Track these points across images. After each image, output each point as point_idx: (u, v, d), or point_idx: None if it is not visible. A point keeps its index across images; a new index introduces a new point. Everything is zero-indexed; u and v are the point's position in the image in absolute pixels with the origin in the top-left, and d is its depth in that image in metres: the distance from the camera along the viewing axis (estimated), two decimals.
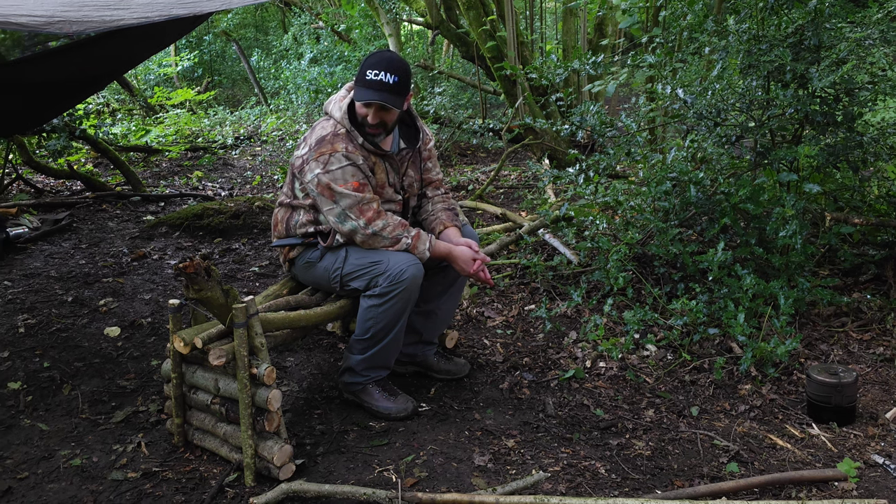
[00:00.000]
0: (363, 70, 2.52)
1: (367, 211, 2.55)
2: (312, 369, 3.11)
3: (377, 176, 2.64)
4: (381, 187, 2.66)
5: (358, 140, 2.58)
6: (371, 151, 2.61)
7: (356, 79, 2.56)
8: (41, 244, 4.89)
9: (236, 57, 14.18)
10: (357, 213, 2.54)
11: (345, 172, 2.53)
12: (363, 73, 2.52)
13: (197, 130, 10.18)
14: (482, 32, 6.71)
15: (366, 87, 2.51)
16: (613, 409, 2.77)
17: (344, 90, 2.69)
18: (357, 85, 2.55)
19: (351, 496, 2.14)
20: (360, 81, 2.53)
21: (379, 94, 2.49)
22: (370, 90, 2.50)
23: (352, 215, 2.54)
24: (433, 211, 2.86)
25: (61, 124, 6.11)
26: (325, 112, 2.69)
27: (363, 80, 2.51)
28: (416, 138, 2.78)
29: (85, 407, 2.81)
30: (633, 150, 3.73)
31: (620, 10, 5.32)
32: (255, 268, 4.39)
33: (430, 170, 2.88)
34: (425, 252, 2.60)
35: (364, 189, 2.55)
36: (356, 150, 2.56)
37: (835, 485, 2.24)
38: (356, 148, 2.57)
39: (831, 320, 3.31)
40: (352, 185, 2.53)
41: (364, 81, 2.51)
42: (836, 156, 3.38)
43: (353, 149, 2.56)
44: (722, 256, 3.13)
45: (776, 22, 3.41)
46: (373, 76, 2.49)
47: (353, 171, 2.54)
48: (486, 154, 8.06)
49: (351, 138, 2.58)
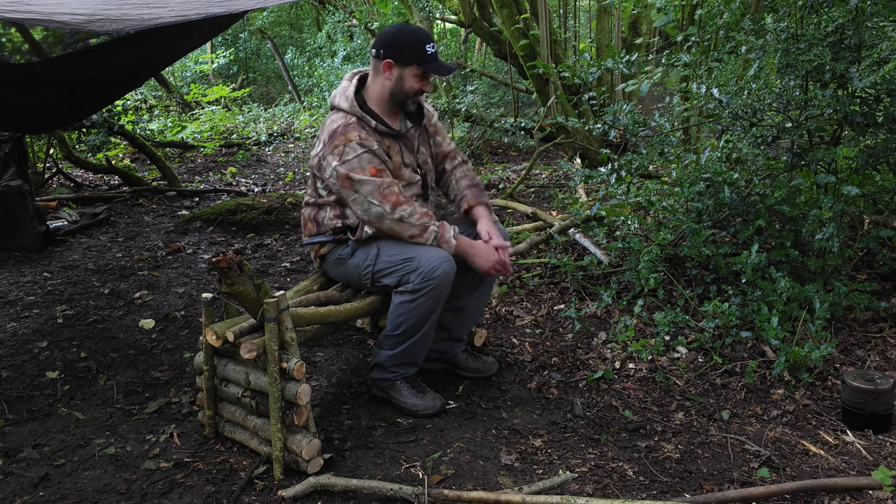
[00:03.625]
0: (419, 47, 2.58)
1: (390, 195, 2.56)
2: (341, 365, 3.14)
3: (393, 158, 2.67)
4: (399, 169, 2.68)
5: (371, 124, 2.61)
6: (385, 133, 2.65)
7: (413, 58, 2.59)
8: (80, 237, 5.00)
9: (271, 54, 14.33)
10: (379, 198, 2.55)
11: (361, 160, 2.55)
12: (421, 49, 2.58)
13: (231, 127, 10.32)
14: (515, 31, 6.68)
15: (433, 61, 2.60)
16: (642, 410, 2.75)
17: (345, 81, 2.72)
18: (419, 63, 2.59)
19: (378, 491, 2.16)
20: (422, 57, 2.59)
21: (446, 64, 2.65)
22: (438, 63, 2.62)
23: (374, 201, 2.55)
24: (458, 188, 2.88)
25: (100, 120, 6.24)
26: (332, 107, 2.72)
27: (425, 55, 2.59)
28: (421, 115, 2.81)
29: (120, 397, 2.87)
30: (667, 150, 3.69)
31: (655, 8, 5.26)
32: (286, 263, 4.44)
33: (441, 143, 2.90)
34: (451, 241, 2.61)
35: (382, 174, 2.57)
36: (369, 136, 2.59)
37: (869, 493, 2.20)
38: (369, 133, 2.60)
39: (868, 325, 3.24)
40: (369, 171, 2.55)
41: (427, 56, 2.59)
42: (876, 157, 3.30)
43: (367, 135, 2.59)
44: (756, 258, 3.08)
45: (815, 20, 3.34)
46: (431, 49, 2.60)
47: (370, 158, 2.56)
48: (517, 153, 8.04)
49: (363, 125, 2.61)
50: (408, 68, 2.60)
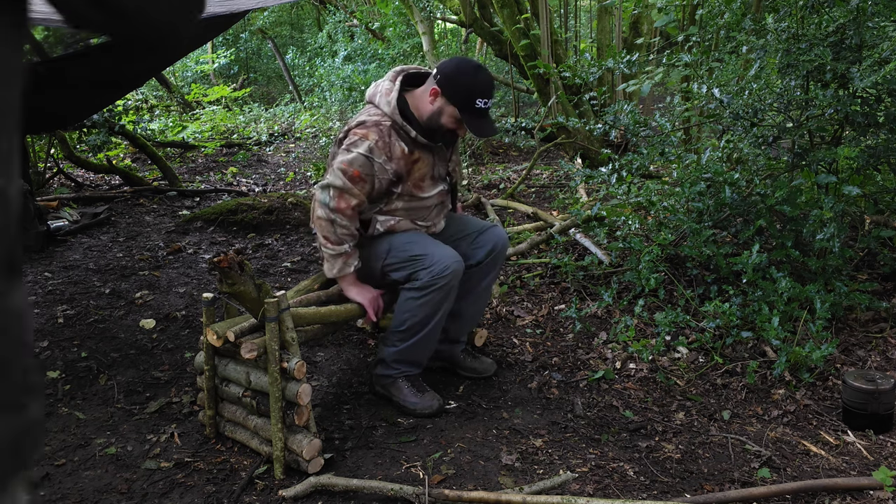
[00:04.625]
0: (471, 98, 2.54)
1: (342, 201, 2.55)
2: (342, 365, 3.14)
3: (419, 170, 2.64)
4: (421, 180, 2.66)
5: (411, 134, 2.59)
6: (421, 145, 2.63)
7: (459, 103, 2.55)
8: (80, 237, 5.01)
9: (272, 54, 14.34)
10: (336, 196, 2.54)
11: (355, 159, 2.54)
12: (472, 102, 2.54)
13: (232, 127, 10.32)
14: (516, 31, 6.68)
15: (479, 117, 2.57)
16: (643, 410, 2.75)
17: (388, 81, 2.66)
18: (464, 111, 2.56)
19: (378, 491, 2.16)
20: (470, 110, 2.55)
21: (491, 125, 2.60)
22: (483, 120, 2.58)
23: (331, 193, 2.55)
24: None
25: (101, 120, 6.25)
26: (369, 101, 2.68)
27: (473, 108, 2.55)
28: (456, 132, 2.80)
29: (120, 397, 2.87)
30: (667, 150, 3.69)
31: (656, 8, 5.26)
32: (287, 263, 4.44)
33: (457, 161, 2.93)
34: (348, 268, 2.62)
35: (358, 182, 2.54)
36: (389, 146, 2.56)
37: (870, 493, 2.20)
38: (395, 141, 2.57)
39: (869, 326, 3.24)
40: (353, 172, 2.54)
41: (473, 109, 2.55)
42: (877, 158, 3.30)
43: (385, 145, 2.55)
44: (757, 259, 3.08)
45: (816, 20, 3.34)
46: (482, 105, 2.55)
47: (363, 162, 2.54)
48: (518, 153, 8.04)
49: (395, 131, 2.58)
50: (451, 107, 2.57)
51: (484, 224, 2.91)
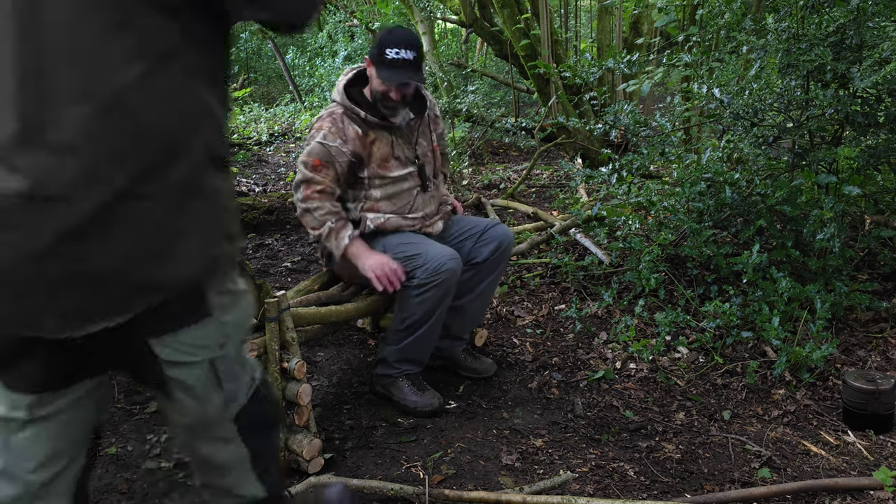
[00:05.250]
0: (381, 49, 2.55)
1: (307, 189, 2.61)
2: (342, 365, 3.14)
3: (379, 150, 2.68)
4: (385, 160, 2.70)
5: (361, 115, 2.63)
6: (374, 125, 2.65)
7: (374, 59, 2.60)
8: None
9: (272, 54, 14.33)
10: (304, 187, 2.62)
11: (312, 149, 2.61)
12: (382, 53, 2.55)
13: (232, 127, 10.32)
14: (516, 30, 6.68)
15: (388, 67, 2.55)
16: (643, 410, 2.75)
17: (343, 75, 2.76)
18: (378, 65, 2.58)
19: (378, 491, 2.16)
20: (381, 61, 2.56)
21: (404, 72, 2.55)
22: (393, 69, 2.55)
23: (300, 187, 2.63)
24: None
25: None
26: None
27: (384, 59, 2.55)
28: (424, 107, 2.82)
29: (120, 397, 2.87)
30: (668, 150, 3.69)
31: (656, 8, 5.26)
32: (287, 263, 4.44)
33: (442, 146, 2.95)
34: (343, 240, 2.62)
35: (320, 170, 2.60)
36: (342, 131, 2.62)
37: (870, 493, 2.20)
38: (348, 125, 2.63)
39: (869, 326, 3.24)
40: (312, 161, 2.60)
41: (386, 61, 2.55)
42: (878, 158, 3.30)
43: (338, 130, 2.61)
44: (757, 259, 3.08)
45: (816, 20, 3.34)
46: (394, 55, 2.53)
47: (319, 150, 2.60)
48: (518, 153, 8.03)
49: (346, 116, 2.64)
50: (373, 67, 2.63)
51: (489, 222, 2.91)
